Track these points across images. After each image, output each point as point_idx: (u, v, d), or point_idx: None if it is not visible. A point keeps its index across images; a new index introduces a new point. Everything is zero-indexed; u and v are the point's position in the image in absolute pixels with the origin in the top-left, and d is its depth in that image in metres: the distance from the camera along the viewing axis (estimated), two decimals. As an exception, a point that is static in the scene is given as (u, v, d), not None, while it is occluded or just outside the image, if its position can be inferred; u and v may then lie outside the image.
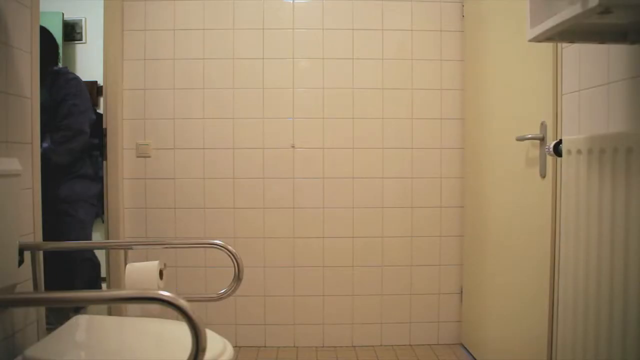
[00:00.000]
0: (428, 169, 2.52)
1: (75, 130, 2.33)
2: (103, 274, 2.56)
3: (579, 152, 1.21)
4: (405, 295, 2.53)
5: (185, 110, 2.48)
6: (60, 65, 2.47)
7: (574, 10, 0.92)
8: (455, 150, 2.52)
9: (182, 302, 0.77)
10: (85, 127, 2.38)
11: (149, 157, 2.49)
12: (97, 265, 2.58)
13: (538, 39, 1.12)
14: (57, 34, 3.58)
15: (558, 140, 1.37)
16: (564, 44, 1.54)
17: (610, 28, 1.07)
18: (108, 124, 2.45)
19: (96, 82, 3.71)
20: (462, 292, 2.52)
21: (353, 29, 2.49)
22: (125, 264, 1.63)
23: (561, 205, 1.40)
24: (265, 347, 2.49)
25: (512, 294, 1.91)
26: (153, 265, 1.59)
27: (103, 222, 2.49)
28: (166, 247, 1.96)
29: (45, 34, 2.24)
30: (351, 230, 2.50)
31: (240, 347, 2.43)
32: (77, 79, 2.40)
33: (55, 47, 2.43)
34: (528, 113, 1.77)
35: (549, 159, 1.62)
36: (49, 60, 2.30)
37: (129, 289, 1.54)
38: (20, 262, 1.34)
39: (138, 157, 2.48)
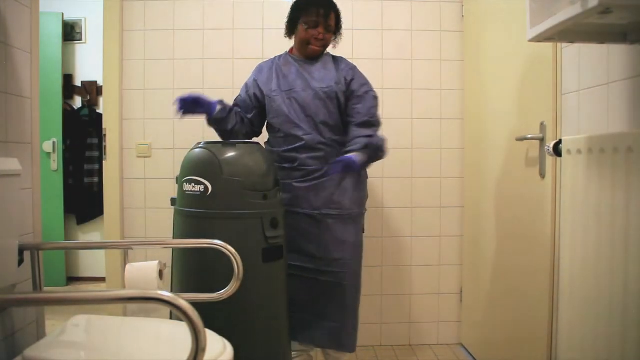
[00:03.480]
0: (428, 169, 2.52)
1: (379, 126, 1.97)
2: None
3: (578, 152, 1.21)
4: (405, 295, 2.53)
5: (185, 110, 2.48)
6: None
7: (574, 10, 0.92)
8: (455, 150, 2.52)
9: (182, 302, 0.77)
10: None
11: (149, 157, 2.49)
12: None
13: (538, 39, 1.12)
14: (57, 34, 3.59)
15: (558, 140, 1.37)
16: (564, 44, 1.54)
17: (610, 28, 1.07)
18: (108, 124, 2.45)
19: (96, 82, 3.72)
20: (462, 292, 2.52)
21: (353, 29, 2.49)
22: (125, 264, 1.63)
23: (561, 205, 1.40)
24: (265, 347, 2.49)
25: (512, 294, 1.91)
26: (153, 266, 1.60)
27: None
28: (166, 247, 1.95)
29: (329, 5, 1.97)
30: (351, 230, 2.50)
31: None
32: (357, 67, 2.04)
33: (340, 19, 2.03)
34: (528, 113, 1.77)
35: (549, 159, 1.62)
36: (335, 33, 2.02)
37: (129, 289, 1.54)
38: (20, 262, 1.34)
39: (138, 157, 2.48)
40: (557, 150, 1.36)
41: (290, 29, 2.04)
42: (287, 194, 1.94)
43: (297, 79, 1.99)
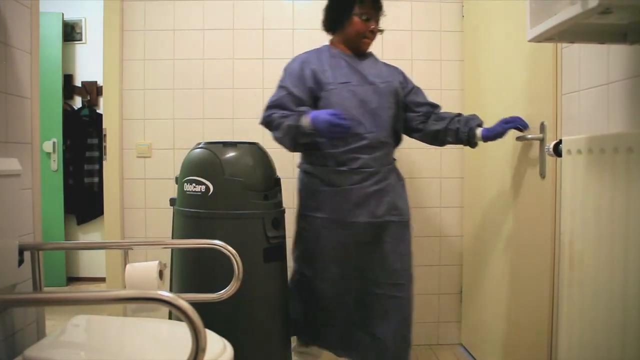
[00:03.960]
0: (428, 169, 2.52)
1: None
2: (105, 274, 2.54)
3: (578, 152, 1.21)
4: (405, 295, 2.53)
5: (185, 110, 2.48)
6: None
7: (574, 10, 0.92)
8: (455, 151, 2.51)
9: (182, 303, 0.77)
10: None
11: (149, 157, 2.49)
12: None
13: (538, 39, 1.12)
14: (57, 34, 3.59)
15: (558, 140, 1.37)
16: (564, 44, 1.54)
17: (610, 28, 1.07)
18: (108, 124, 2.46)
19: (96, 82, 3.72)
20: (462, 292, 2.52)
21: (353, 29, 2.49)
22: (125, 264, 1.63)
23: (561, 205, 1.40)
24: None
25: (512, 294, 1.91)
26: (153, 266, 1.60)
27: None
28: (166, 247, 1.95)
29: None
30: (351, 230, 2.50)
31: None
32: None
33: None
34: (528, 113, 1.77)
35: (549, 159, 1.62)
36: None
37: (129, 289, 1.54)
38: (20, 262, 1.34)
39: (138, 157, 2.48)
40: (557, 151, 1.36)
41: (338, 22, 1.85)
42: (343, 204, 1.75)
43: (349, 72, 1.82)
